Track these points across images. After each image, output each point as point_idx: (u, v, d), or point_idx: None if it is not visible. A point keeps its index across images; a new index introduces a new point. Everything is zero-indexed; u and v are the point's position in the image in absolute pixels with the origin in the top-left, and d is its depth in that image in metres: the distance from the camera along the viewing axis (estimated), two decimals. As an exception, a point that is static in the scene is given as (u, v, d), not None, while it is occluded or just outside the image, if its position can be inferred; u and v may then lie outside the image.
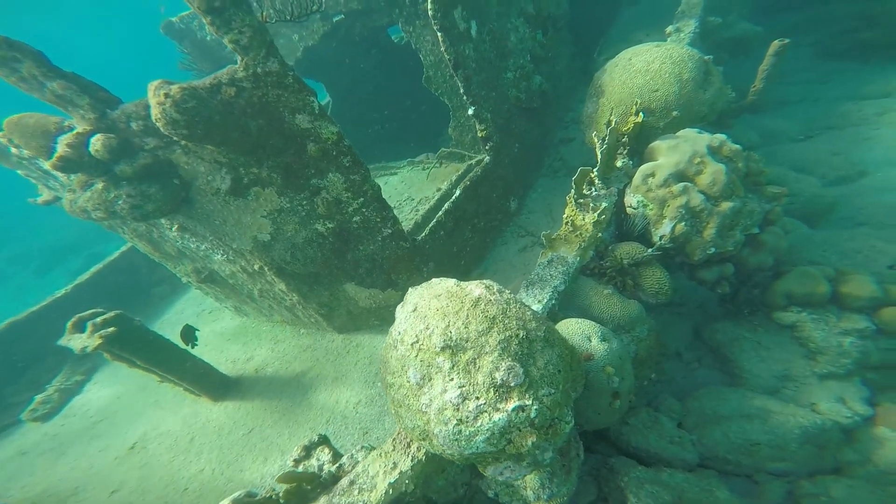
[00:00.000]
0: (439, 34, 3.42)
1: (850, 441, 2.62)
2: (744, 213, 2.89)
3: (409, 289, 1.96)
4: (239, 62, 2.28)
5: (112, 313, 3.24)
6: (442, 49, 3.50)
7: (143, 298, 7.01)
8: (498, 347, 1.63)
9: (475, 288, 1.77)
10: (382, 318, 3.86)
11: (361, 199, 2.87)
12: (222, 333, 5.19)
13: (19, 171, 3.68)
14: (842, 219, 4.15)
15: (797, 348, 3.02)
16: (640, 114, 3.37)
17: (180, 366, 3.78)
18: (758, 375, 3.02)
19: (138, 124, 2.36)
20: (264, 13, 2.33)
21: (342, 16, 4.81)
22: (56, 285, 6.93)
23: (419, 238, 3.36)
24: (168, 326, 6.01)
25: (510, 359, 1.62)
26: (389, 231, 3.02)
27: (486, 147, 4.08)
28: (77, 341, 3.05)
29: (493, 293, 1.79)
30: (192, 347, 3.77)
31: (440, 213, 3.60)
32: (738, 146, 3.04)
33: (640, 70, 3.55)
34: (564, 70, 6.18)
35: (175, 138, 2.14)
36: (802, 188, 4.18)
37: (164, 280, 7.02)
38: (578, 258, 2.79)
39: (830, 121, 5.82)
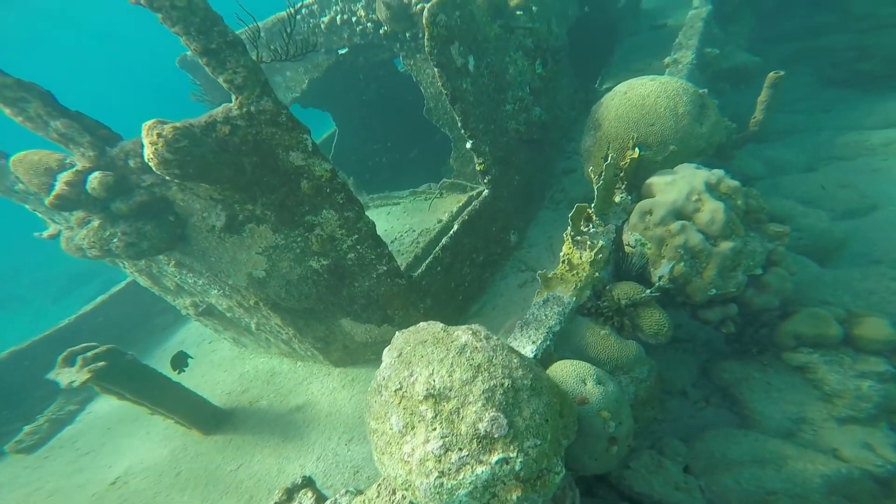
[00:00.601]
0: (436, 70, 3.56)
1: (889, 493, 2.47)
2: (745, 253, 2.87)
3: (396, 332, 1.97)
4: (234, 101, 2.39)
5: (104, 347, 3.27)
6: (439, 84, 3.63)
7: (146, 328, 7.11)
8: (482, 397, 1.61)
9: (462, 334, 1.77)
10: (378, 353, 3.82)
11: (356, 235, 2.93)
12: (220, 364, 5.22)
13: (27, 206, 3.82)
14: (854, 255, 4.10)
15: (811, 390, 2.92)
16: (637, 149, 3.42)
17: (171, 399, 3.78)
18: (770, 417, 2.92)
19: (136, 161, 2.47)
20: (259, 54, 2.44)
21: (346, 49, 5.05)
22: (70, 311, 7.07)
23: (415, 275, 3.38)
24: (168, 356, 6.05)
25: (494, 409, 1.60)
26: (384, 268, 3.07)
27: (485, 180, 4.16)
28: (65, 375, 3.08)
29: (480, 339, 1.78)
30: (180, 374, 3.77)
31: (437, 248, 3.63)
32: (736, 182, 3.05)
33: (636, 104, 3.63)
34: (565, 100, 6.35)
35: (168, 178, 2.22)
36: (811, 223, 4.15)
37: (167, 310, 7.12)
38: (574, 298, 2.77)
39: (836, 151, 5.85)
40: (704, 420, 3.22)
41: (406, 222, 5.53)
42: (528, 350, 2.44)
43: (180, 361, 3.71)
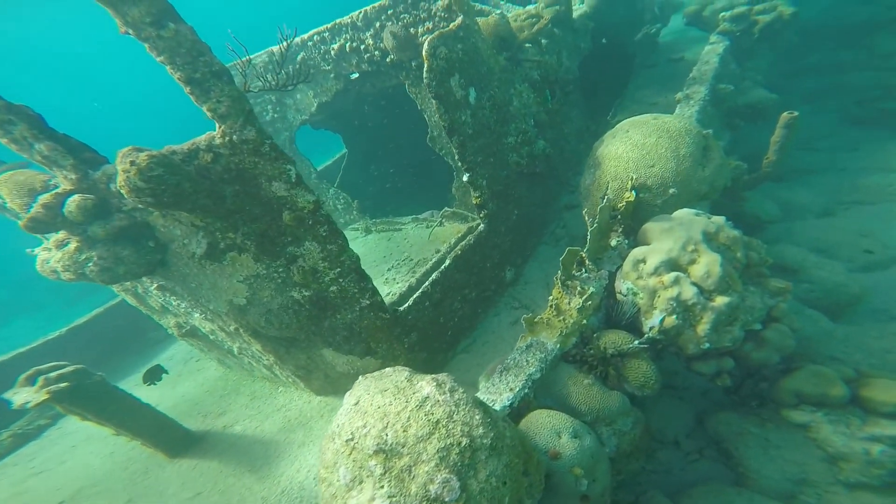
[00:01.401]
0: (434, 101, 3.64)
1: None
2: (743, 308, 2.79)
3: (360, 377, 1.94)
4: (217, 129, 2.47)
5: (71, 368, 3.30)
6: (437, 116, 3.70)
7: (140, 342, 7.20)
8: (436, 456, 1.58)
9: (425, 385, 1.75)
10: None
11: (338, 269, 2.95)
12: (203, 384, 5.24)
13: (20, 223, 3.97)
14: (873, 311, 3.92)
15: (814, 450, 2.78)
16: (633, 192, 3.39)
17: (137, 421, 3.79)
18: (767, 477, 2.78)
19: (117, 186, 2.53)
20: (247, 83, 2.51)
21: (357, 74, 5.22)
22: (79, 317, 7.25)
23: (401, 309, 3.37)
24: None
25: (447, 470, 1.56)
26: (367, 302, 3.07)
27: (481, 214, 4.16)
28: (21, 395, 3.09)
29: (444, 393, 1.75)
30: (150, 386, 3.75)
31: (427, 283, 3.62)
32: (736, 232, 2.99)
33: (637, 143, 3.62)
34: (573, 133, 6.39)
35: (141, 206, 2.28)
36: (824, 276, 4.01)
37: (160, 325, 7.26)
38: (559, 345, 2.72)
39: (858, 195, 5.69)
40: (696, 474, 3.08)
41: (405, 250, 5.57)
42: (505, 398, 2.38)
43: (153, 375, 3.71)
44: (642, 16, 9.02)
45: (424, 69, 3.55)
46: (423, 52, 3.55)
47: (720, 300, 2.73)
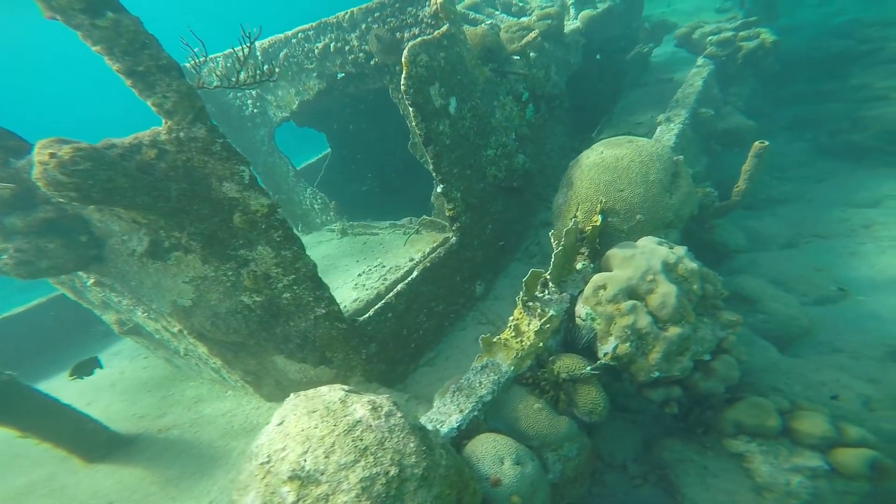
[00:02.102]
0: (411, 109, 3.61)
1: None
2: (694, 339, 2.88)
3: (292, 394, 1.89)
4: (163, 125, 2.37)
5: None
6: (413, 124, 3.67)
7: (84, 334, 6.88)
8: (358, 486, 1.54)
9: (360, 409, 1.72)
10: None
11: (293, 275, 2.90)
12: (146, 383, 5.03)
13: None
14: (819, 343, 4.12)
15: (744, 480, 2.91)
16: (599, 216, 3.46)
17: (49, 424, 3.54)
18: None
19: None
20: (199, 80, 2.42)
21: (342, 74, 5.17)
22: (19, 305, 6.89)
23: (361, 319, 3.34)
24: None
25: (368, 501, 1.52)
26: (323, 311, 3.03)
27: (454, 227, 4.17)
28: None
29: (379, 417, 1.73)
30: (77, 379, 3.58)
31: (391, 294, 3.61)
32: (695, 265, 3.09)
33: (609, 166, 3.68)
34: (556, 149, 6.46)
35: (62, 200, 2.19)
36: (778, 307, 4.19)
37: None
38: (513, 368, 2.77)
39: (819, 228, 5.94)
40: (638, 499, 3.18)
41: (379, 255, 5.55)
42: (454, 420, 2.41)
43: (83, 369, 3.52)
44: (637, 34, 9.16)
45: (402, 75, 3.52)
46: (403, 58, 3.53)
47: (672, 331, 2.83)
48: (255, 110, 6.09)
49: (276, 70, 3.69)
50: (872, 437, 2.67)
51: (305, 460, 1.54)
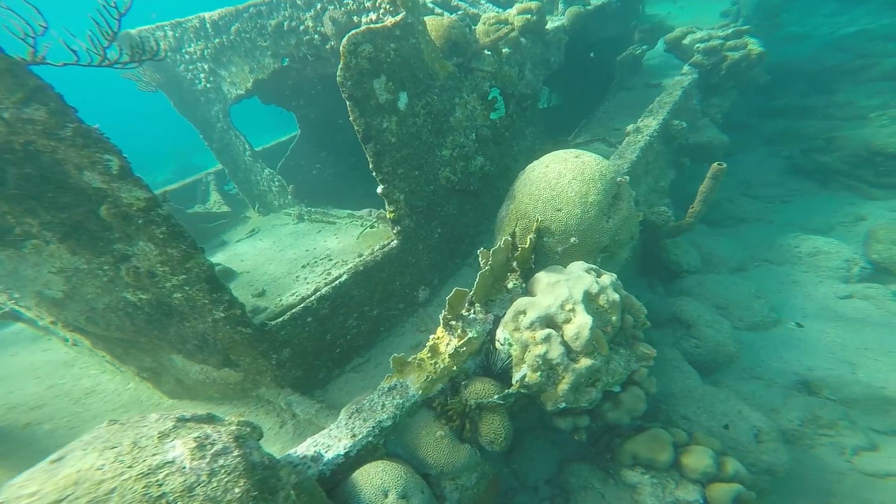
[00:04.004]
0: (348, 103, 3.40)
1: None
2: (606, 370, 2.89)
3: (106, 422, 1.63)
4: None
5: None
6: (350, 119, 3.47)
7: None
8: None
9: (179, 446, 1.44)
10: (223, 392, 3.68)
11: (183, 276, 2.71)
12: (38, 369, 4.64)
13: None
14: (741, 369, 4.22)
15: None
16: (535, 235, 3.38)
17: None
18: None
19: None
20: (35, 53, 2.13)
21: (287, 61, 4.86)
22: None
23: (272, 323, 3.20)
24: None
25: None
26: (222, 315, 2.86)
27: (394, 231, 4.04)
28: None
29: (202, 457, 1.44)
30: None
31: (313, 297, 3.49)
32: (617, 296, 3.06)
33: (550, 182, 3.58)
34: (524, 151, 6.29)
35: None
36: (710, 334, 4.25)
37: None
38: (421, 391, 2.73)
39: (771, 252, 6.01)
40: (545, 522, 3.26)
41: (331, 246, 5.41)
42: (342, 445, 2.37)
43: None
44: (632, 35, 8.88)
45: (339, 66, 3.29)
46: (341, 47, 3.28)
47: (584, 362, 2.81)
48: (209, 85, 5.73)
49: (164, 48, 3.22)
50: (745, 471, 2.81)
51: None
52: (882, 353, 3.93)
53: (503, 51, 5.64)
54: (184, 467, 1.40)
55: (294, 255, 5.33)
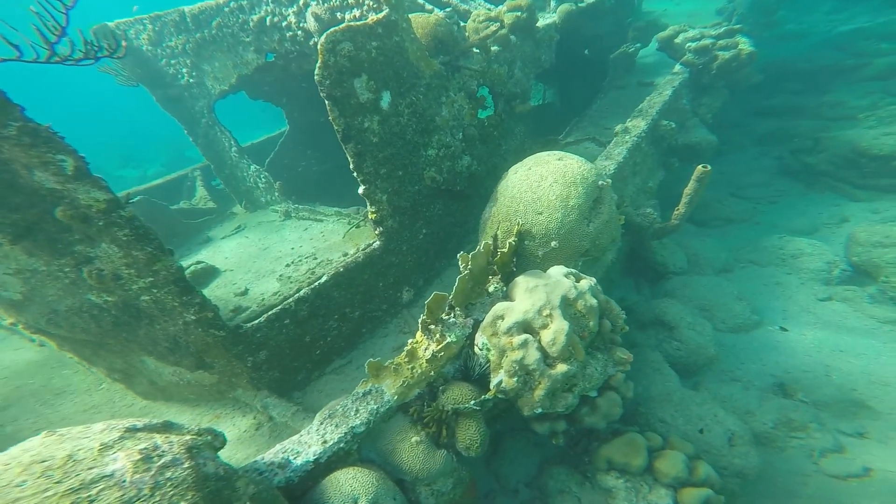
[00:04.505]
0: (327, 102, 3.33)
1: None
2: (582, 376, 2.89)
3: (45, 432, 1.52)
4: None
5: None
6: (330, 118, 3.41)
7: None
8: None
9: (122, 458, 1.34)
10: (199, 394, 3.63)
11: (150, 278, 2.63)
12: (6, 367, 4.49)
13: None
14: (721, 371, 4.25)
15: None
16: (514, 239, 3.36)
17: None
18: None
19: None
20: None
21: (272, 57, 4.77)
22: None
23: (247, 326, 3.15)
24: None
25: None
26: (193, 318, 2.80)
27: (377, 232, 3.99)
28: None
29: (146, 470, 1.34)
30: None
31: (291, 299, 3.45)
32: (594, 301, 3.05)
33: (532, 185, 3.56)
34: (513, 150, 6.24)
35: None
36: (692, 336, 4.28)
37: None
38: (396, 397, 2.71)
39: (756, 254, 6.05)
40: (519, 525, 3.28)
41: (317, 244, 5.36)
42: (311, 452, 2.35)
43: None
44: (627, 32, 8.81)
45: (317, 64, 3.22)
46: (319, 45, 3.21)
47: (560, 368, 2.81)
48: (192, 80, 5.62)
49: (123, 45, 3.08)
50: (715, 476, 2.85)
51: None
52: (854, 355, 3.98)
53: (492, 49, 5.57)
54: (123, 481, 1.32)
55: (279, 253, 5.29)
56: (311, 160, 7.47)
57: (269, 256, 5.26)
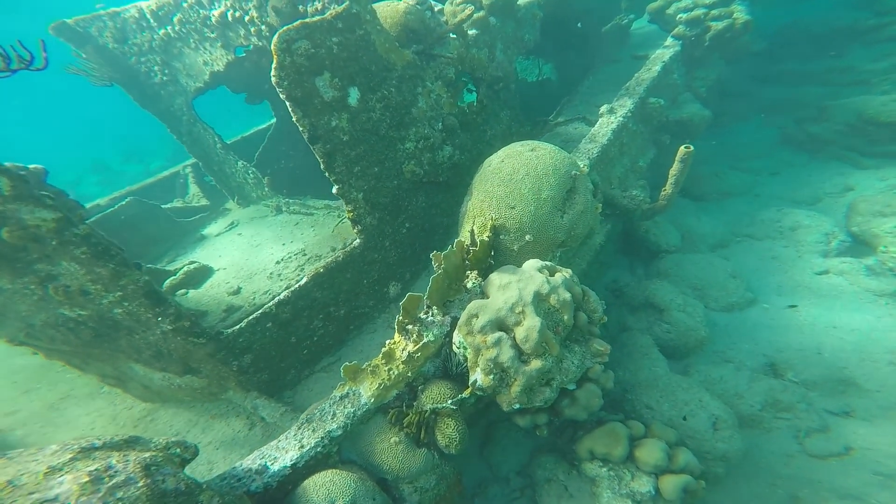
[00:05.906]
0: (288, 104, 3.24)
1: None
2: (558, 370, 2.88)
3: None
4: None
5: None
6: (294, 120, 3.33)
7: None
8: None
9: (69, 481, 1.31)
10: (194, 396, 3.71)
11: (118, 293, 2.63)
12: (16, 372, 4.70)
13: None
14: (713, 352, 4.21)
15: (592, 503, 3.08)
16: (489, 234, 3.31)
17: None
18: None
19: None
20: None
21: (243, 52, 4.66)
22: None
23: (228, 331, 3.16)
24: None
25: None
26: (170, 327, 2.82)
27: (356, 230, 3.96)
28: None
29: (94, 492, 1.33)
30: None
31: (271, 303, 3.47)
32: (568, 295, 3.01)
33: (505, 178, 3.49)
34: (500, 135, 6.08)
35: None
36: (682, 318, 4.23)
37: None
38: (373, 399, 2.74)
39: (754, 227, 5.89)
40: (515, 512, 3.36)
41: (307, 240, 5.37)
42: (288, 457, 2.41)
43: None
44: (620, 2, 8.41)
45: (273, 65, 3.11)
46: (272, 45, 3.10)
47: (535, 364, 2.81)
48: (165, 78, 5.53)
49: (44, 57, 2.97)
50: (695, 462, 2.86)
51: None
52: (847, 331, 3.90)
53: (469, 33, 5.36)
54: None
55: (270, 250, 5.32)
56: (300, 152, 7.40)
57: (261, 254, 5.31)
